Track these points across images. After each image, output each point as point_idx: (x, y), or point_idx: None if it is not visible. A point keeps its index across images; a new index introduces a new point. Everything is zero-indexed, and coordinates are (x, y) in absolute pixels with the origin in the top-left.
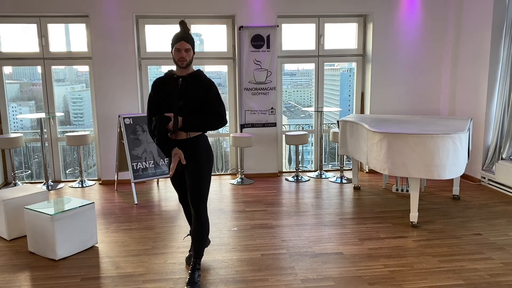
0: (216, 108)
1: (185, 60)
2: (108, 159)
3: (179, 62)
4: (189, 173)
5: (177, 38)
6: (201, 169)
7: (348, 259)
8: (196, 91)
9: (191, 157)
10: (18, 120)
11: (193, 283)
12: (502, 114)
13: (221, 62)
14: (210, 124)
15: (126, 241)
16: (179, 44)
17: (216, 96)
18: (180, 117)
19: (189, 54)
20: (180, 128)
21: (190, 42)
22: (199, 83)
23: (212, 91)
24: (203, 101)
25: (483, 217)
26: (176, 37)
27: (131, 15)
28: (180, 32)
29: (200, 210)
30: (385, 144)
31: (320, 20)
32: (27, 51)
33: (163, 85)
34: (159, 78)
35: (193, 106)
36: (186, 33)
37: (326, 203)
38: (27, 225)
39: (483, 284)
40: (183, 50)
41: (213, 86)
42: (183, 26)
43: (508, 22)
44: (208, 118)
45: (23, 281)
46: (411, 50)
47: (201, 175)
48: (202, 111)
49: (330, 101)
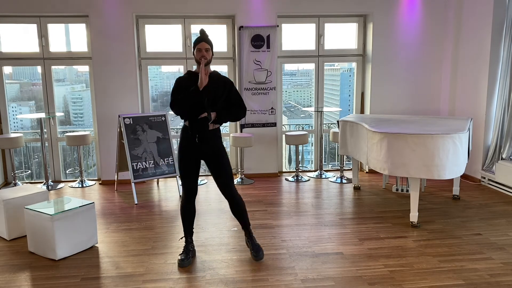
0: (240, 102)
1: (206, 58)
2: (108, 159)
3: (200, 61)
4: (217, 157)
5: (198, 40)
6: (225, 153)
7: (348, 259)
8: (222, 88)
9: (216, 144)
10: (18, 120)
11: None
12: (502, 114)
13: (221, 62)
14: (238, 115)
15: (126, 241)
16: (200, 45)
17: (237, 91)
18: (213, 113)
19: (208, 54)
20: (214, 121)
21: (209, 43)
22: (221, 81)
23: (234, 88)
24: (227, 96)
25: (483, 217)
26: (197, 39)
27: (131, 15)
28: (200, 35)
29: (233, 189)
30: (385, 144)
31: (320, 20)
32: (27, 51)
33: (188, 83)
34: (182, 77)
35: (220, 101)
36: (205, 35)
37: (326, 203)
38: (27, 225)
39: (483, 284)
40: (203, 49)
41: (233, 83)
42: (203, 32)
43: (508, 22)
44: (237, 111)
45: (23, 281)
46: (411, 50)
47: (226, 159)
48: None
49: (330, 101)
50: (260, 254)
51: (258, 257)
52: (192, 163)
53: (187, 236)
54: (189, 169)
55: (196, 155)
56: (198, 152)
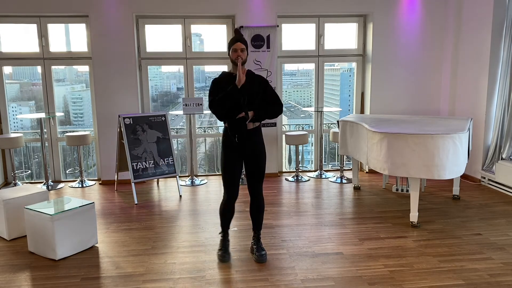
0: (276, 99)
1: (241, 58)
2: (108, 159)
3: (236, 61)
4: (256, 156)
5: (234, 41)
6: (264, 153)
7: (348, 259)
8: (257, 86)
9: (257, 143)
10: (18, 120)
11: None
12: (502, 114)
13: (221, 62)
14: (275, 112)
15: (126, 241)
16: (236, 45)
17: (273, 89)
18: (250, 112)
19: (244, 54)
20: (252, 120)
21: (244, 43)
22: (256, 79)
23: (269, 85)
24: (263, 94)
25: (483, 217)
26: (232, 40)
27: (131, 15)
28: (236, 36)
29: (261, 190)
30: (385, 144)
31: (320, 20)
32: (27, 51)
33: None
34: (218, 78)
35: (257, 99)
36: (240, 36)
37: (326, 203)
38: (27, 225)
39: (483, 284)
40: (239, 50)
41: (267, 81)
42: (238, 32)
43: (508, 22)
44: (274, 108)
45: (23, 281)
46: (411, 50)
47: (264, 159)
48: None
49: (330, 101)
50: (263, 257)
51: (261, 259)
52: (235, 164)
53: (225, 233)
54: (231, 170)
55: (238, 155)
56: (240, 152)
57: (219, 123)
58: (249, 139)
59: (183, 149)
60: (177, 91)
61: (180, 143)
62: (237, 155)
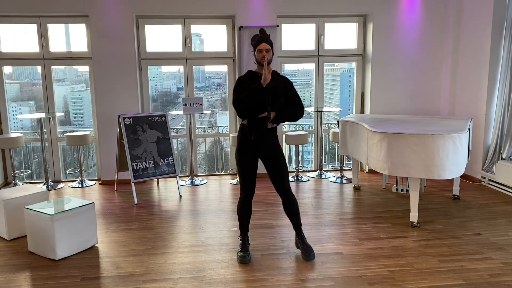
0: (299, 102)
1: (267, 58)
2: (108, 159)
3: (262, 61)
4: (276, 156)
5: (259, 41)
6: (281, 152)
7: (348, 259)
8: (281, 87)
9: (273, 143)
10: (18, 120)
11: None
12: (502, 114)
13: (221, 62)
14: (297, 115)
15: (126, 241)
16: (261, 46)
17: (296, 92)
18: (272, 112)
19: (269, 54)
20: (273, 120)
21: (269, 44)
22: (281, 81)
23: (293, 88)
24: (287, 96)
25: (483, 217)
26: (258, 40)
27: (131, 15)
28: (261, 36)
29: (289, 187)
30: (385, 144)
31: (320, 20)
32: (27, 51)
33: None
34: (244, 76)
35: (280, 100)
36: (265, 36)
37: (326, 203)
38: (27, 225)
39: (483, 284)
40: (264, 50)
41: (292, 83)
42: (263, 32)
43: (508, 22)
44: (296, 110)
45: (23, 281)
46: (411, 50)
47: (283, 157)
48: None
49: (330, 101)
50: (311, 255)
51: (309, 257)
52: (251, 161)
53: (244, 234)
54: (248, 168)
55: (254, 154)
56: (256, 150)
57: (219, 123)
58: (267, 139)
59: (183, 149)
60: (177, 91)
61: (180, 143)
62: (253, 152)
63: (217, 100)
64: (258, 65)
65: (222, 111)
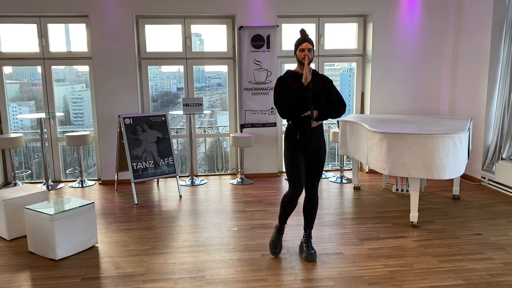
0: (340, 99)
1: (308, 58)
2: (108, 159)
3: (303, 60)
4: (320, 152)
5: (301, 41)
6: (325, 153)
7: (348, 259)
8: (322, 86)
9: (320, 140)
10: (18, 120)
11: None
12: (502, 114)
13: (221, 62)
14: (339, 112)
15: (126, 241)
16: (303, 45)
17: (337, 89)
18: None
19: (311, 53)
20: (316, 118)
21: (311, 43)
22: (321, 80)
23: (333, 86)
24: (328, 94)
25: (483, 217)
26: (300, 40)
27: (131, 15)
28: (302, 36)
29: (317, 188)
30: (385, 144)
31: (320, 20)
32: (27, 51)
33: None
34: (284, 76)
35: (321, 98)
36: (307, 36)
37: (326, 203)
38: (27, 225)
39: (483, 284)
40: (306, 49)
41: (332, 81)
42: (304, 33)
43: (508, 22)
44: (337, 108)
45: (23, 281)
46: (411, 50)
47: (324, 158)
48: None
49: None
50: (313, 255)
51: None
52: (300, 159)
53: (282, 227)
54: (297, 165)
55: (301, 152)
56: (303, 148)
57: (219, 123)
58: (313, 137)
59: (183, 149)
60: (177, 91)
61: (180, 143)
62: (301, 151)
63: (217, 100)
64: (299, 64)
65: (222, 111)
